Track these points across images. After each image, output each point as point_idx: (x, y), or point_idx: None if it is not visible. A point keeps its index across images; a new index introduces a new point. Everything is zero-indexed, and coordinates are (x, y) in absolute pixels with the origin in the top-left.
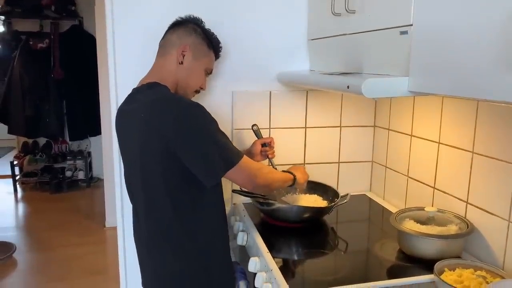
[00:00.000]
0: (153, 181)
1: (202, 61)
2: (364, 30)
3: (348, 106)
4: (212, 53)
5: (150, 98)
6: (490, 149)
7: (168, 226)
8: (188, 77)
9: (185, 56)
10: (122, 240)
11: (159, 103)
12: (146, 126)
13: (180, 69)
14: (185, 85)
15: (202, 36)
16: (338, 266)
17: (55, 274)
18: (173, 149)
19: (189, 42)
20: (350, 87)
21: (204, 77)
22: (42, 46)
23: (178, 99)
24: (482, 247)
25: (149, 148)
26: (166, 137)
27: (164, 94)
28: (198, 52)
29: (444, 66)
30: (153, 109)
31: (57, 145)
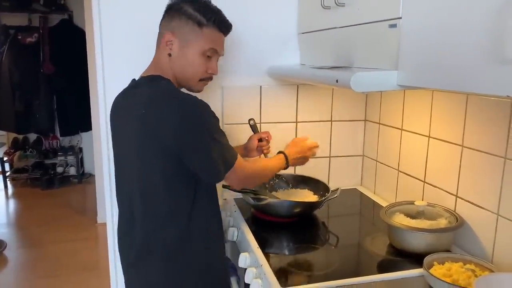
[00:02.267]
0: (152, 178)
1: (195, 44)
2: (353, 23)
3: (339, 100)
4: (208, 30)
5: (151, 93)
6: (479, 143)
7: (164, 226)
8: (183, 68)
9: (173, 46)
10: (112, 236)
11: (161, 100)
12: (146, 124)
13: (172, 61)
14: (183, 78)
15: (188, 14)
16: (329, 261)
17: (47, 271)
18: (175, 149)
19: (172, 28)
20: (339, 81)
21: (207, 61)
22: (31, 40)
23: (180, 96)
24: (471, 240)
25: (149, 146)
26: (168, 136)
27: (166, 89)
28: (186, 36)
29: (433, 60)
30: (154, 106)
31: (47, 141)
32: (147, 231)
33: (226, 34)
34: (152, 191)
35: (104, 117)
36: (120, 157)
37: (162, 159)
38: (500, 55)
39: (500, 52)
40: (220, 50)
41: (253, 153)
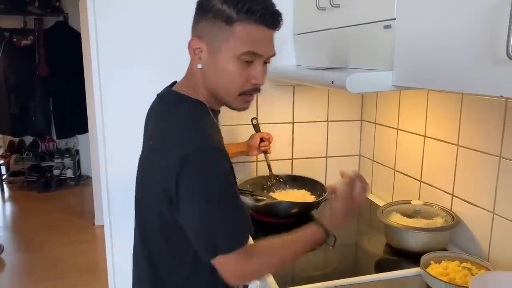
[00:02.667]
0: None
1: (227, 48)
2: (348, 24)
3: (335, 100)
4: (239, 27)
5: (166, 123)
6: (475, 142)
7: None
8: (215, 81)
9: (202, 54)
10: (109, 239)
11: (171, 136)
12: (150, 157)
13: (204, 74)
14: (220, 91)
15: (215, 11)
16: (327, 261)
17: (44, 274)
18: (173, 197)
19: (200, 31)
20: (334, 82)
21: (244, 68)
22: (26, 43)
23: (193, 136)
24: (467, 239)
25: (149, 184)
26: (166, 182)
27: (183, 121)
28: (214, 39)
29: (427, 60)
30: (161, 142)
31: (44, 144)
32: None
33: (274, 28)
34: (149, 231)
35: (100, 119)
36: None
37: (160, 202)
38: (493, 55)
39: (493, 52)
40: (262, 50)
41: (254, 151)
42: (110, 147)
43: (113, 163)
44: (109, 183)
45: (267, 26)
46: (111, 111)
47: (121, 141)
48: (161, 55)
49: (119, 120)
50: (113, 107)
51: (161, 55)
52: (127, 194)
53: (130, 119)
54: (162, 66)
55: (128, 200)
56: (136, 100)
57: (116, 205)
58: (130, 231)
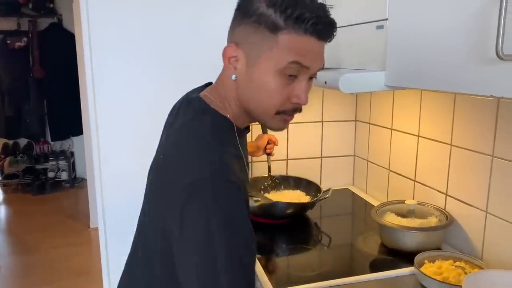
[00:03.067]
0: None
1: (265, 59)
2: (341, 24)
3: (329, 101)
4: (285, 36)
5: (181, 137)
6: (467, 141)
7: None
8: (251, 95)
9: (238, 64)
10: (104, 242)
11: (181, 156)
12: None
13: (238, 86)
14: (253, 109)
15: (259, 14)
16: (322, 261)
17: (39, 278)
18: (171, 234)
19: (238, 37)
20: (327, 83)
21: (285, 84)
22: (20, 45)
23: (206, 160)
24: (461, 238)
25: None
26: (168, 215)
27: (198, 139)
28: (253, 47)
29: (419, 60)
30: (170, 162)
31: (38, 146)
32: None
33: (326, 40)
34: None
35: (94, 121)
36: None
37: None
38: (483, 55)
39: (483, 52)
40: (310, 63)
41: (260, 152)
42: (104, 149)
43: (107, 165)
44: (104, 185)
45: (319, 37)
46: (105, 113)
47: (115, 143)
48: (156, 57)
49: (113, 122)
50: (107, 109)
51: (156, 57)
52: (122, 196)
53: (125, 121)
54: (157, 68)
55: (123, 202)
56: (130, 102)
57: (111, 207)
58: (124, 233)
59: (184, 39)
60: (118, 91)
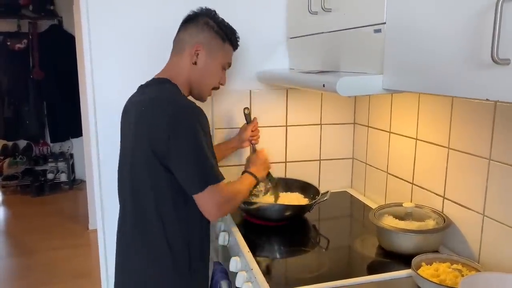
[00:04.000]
0: (141, 181)
1: (218, 57)
2: (340, 28)
3: (328, 103)
4: (228, 45)
5: (153, 94)
6: (465, 145)
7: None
8: (203, 76)
9: (199, 56)
10: (102, 243)
11: (158, 102)
12: (141, 122)
13: (194, 69)
14: (199, 85)
15: (216, 30)
16: (319, 263)
17: (38, 280)
18: (161, 152)
19: (202, 39)
20: (326, 86)
21: (222, 72)
22: (20, 46)
23: (179, 101)
24: (458, 241)
25: (140, 145)
26: (158, 138)
27: (167, 92)
28: (212, 48)
29: (416, 64)
30: (151, 107)
31: (38, 147)
32: (134, 228)
33: (234, 50)
34: (141, 192)
35: (93, 123)
36: (121, 156)
37: (152, 160)
38: (479, 59)
39: (479, 56)
40: (230, 63)
41: (246, 143)
42: (104, 151)
43: (106, 167)
44: (102, 187)
45: (235, 49)
46: (104, 115)
47: (114, 145)
48: (155, 58)
49: (113, 124)
50: (107, 111)
51: (155, 58)
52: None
53: None
54: (156, 69)
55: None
56: None
57: (110, 209)
58: None
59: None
60: (117, 93)
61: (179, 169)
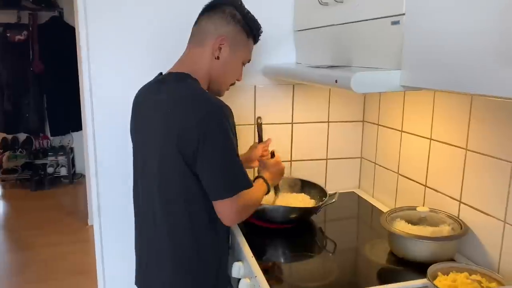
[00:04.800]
0: (170, 183)
1: (241, 53)
2: (353, 20)
3: (336, 100)
4: (251, 42)
5: (179, 93)
6: (485, 146)
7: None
8: (224, 72)
9: (222, 50)
10: (99, 239)
11: (188, 102)
12: (171, 124)
13: (215, 64)
14: (219, 80)
15: (242, 23)
16: (327, 271)
17: (35, 275)
18: (190, 156)
19: (227, 33)
20: (338, 81)
21: (241, 69)
22: (20, 38)
23: (208, 100)
24: (476, 248)
25: (169, 147)
26: (188, 139)
27: (195, 91)
28: (237, 43)
29: (438, 59)
30: (180, 107)
31: (38, 141)
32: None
33: None
34: (170, 194)
35: (90, 117)
36: (141, 154)
37: (181, 162)
38: (507, 55)
39: (507, 52)
40: (250, 60)
41: (255, 163)
42: (101, 145)
43: (103, 162)
44: (100, 182)
45: (254, 43)
46: (101, 109)
47: (112, 139)
48: (154, 52)
49: (111, 119)
50: (104, 105)
51: (154, 52)
52: (118, 193)
53: (121, 116)
54: (155, 62)
55: (119, 199)
56: (128, 98)
57: (107, 205)
58: (121, 231)
59: (184, 34)
60: (116, 87)
61: (207, 172)
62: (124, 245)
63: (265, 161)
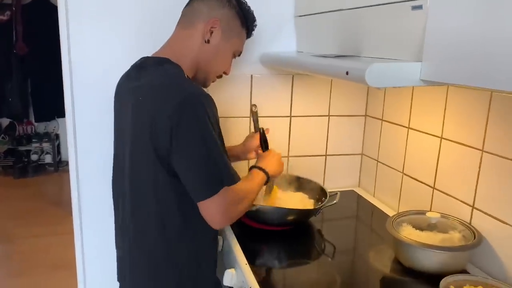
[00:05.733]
0: (141, 178)
1: (232, 41)
2: (366, 4)
3: (337, 92)
4: (244, 33)
5: (153, 79)
6: (504, 148)
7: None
8: (213, 59)
9: (213, 34)
10: (79, 232)
11: (161, 89)
12: (142, 113)
13: (204, 48)
14: (207, 69)
15: (237, 10)
16: (325, 277)
17: (15, 269)
18: (167, 146)
19: (221, 16)
20: (350, 74)
21: (231, 60)
22: (2, 18)
23: (186, 87)
24: (490, 259)
25: (141, 140)
26: (161, 131)
27: (171, 77)
28: (230, 30)
29: (467, 51)
30: (151, 95)
31: (21, 127)
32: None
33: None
34: (141, 194)
35: (70, 102)
36: (117, 148)
37: (152, 156)
38: None
39: None
40: (241, 53)
41: (252, 154)
42: (81, 132)
43: (83, 149)
44: (81, 171)
45: (247, 37)
46: (82, 95)
47: (93, 127)
48: (139, 34)
49: (92, 105)
50: (85, 91)
51: (139, 34)
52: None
53: (103, 103)
54: (140, 45)
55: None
56: (110, 83)
57: (87, 194)
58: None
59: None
60: (98, 71)
61: (184, 169)
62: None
63: (261, 153)
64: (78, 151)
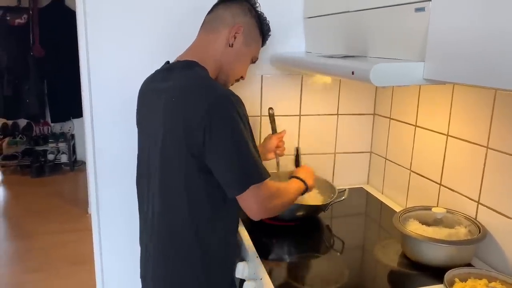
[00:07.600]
0: (172, 176)
1: (252, 47)
2: (371, 6)
3: (346, 92)
4: (261, 40)
5: (185, 81)
6: (508, 145)
7: (181, 230)
8: (235, 62)
9: (236, 39)
10: (97, 228)
11: (194, 90)
12: (174, 113)
13: (228, 52)
14: (228, 71)
15: (256, 20)
16: (334, 271)
17: (34, 264)
18: (200, 146)
19: (244, 23)
20: (355, 73)
21: (248, 65)
22: (20, 22)
23: (216, 88)
24: (495, 253)
25: (173, 137)
26: (195, 130)
27: (201, 79)
28: (250, 36)
29: (468, 51)
30: (186, 96)
31: (38, 127)
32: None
33: None
34: (172, 191)
35: (88, 104)
36: (143, 149)
37: (186, 154)
38: None
39: None
40: (257, 60)
41: (270, 154)
42: (100, 133)
43: (101, 149)
44: (98, 169)
45: (262, 46)
46: (101, 97)
47: (111, 127)
48: (156, 37)
49: (110, 106)
50: (103, 93)
51: (156, 37)
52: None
53: (121, 103)
54: (158, 48)
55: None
56: (128, 84)
57: (105, 193)
58: (120, 222)
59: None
60: (116, 73)
61: (218, 166)
62: (124, 236)
63: (268, 140)
64: (96, 151)
